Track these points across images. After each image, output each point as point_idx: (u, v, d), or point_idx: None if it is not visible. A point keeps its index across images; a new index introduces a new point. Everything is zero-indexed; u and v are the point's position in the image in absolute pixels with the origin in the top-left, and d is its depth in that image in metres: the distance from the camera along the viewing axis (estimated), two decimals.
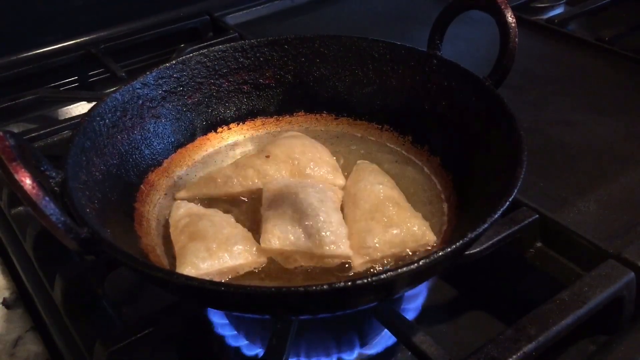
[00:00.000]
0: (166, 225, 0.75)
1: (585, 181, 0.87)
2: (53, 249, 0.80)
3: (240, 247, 0.68)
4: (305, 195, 0.72)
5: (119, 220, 0.69)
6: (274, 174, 0.79)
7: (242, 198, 0.79)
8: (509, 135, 0.67)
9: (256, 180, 0.79)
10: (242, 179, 0.79)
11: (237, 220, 0.74)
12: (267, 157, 0.81)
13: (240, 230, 0.71)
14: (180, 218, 0.72)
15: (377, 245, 0.68)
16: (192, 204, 0.76)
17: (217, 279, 0.67)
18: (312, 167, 0.80)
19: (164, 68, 0.83)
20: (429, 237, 0.69)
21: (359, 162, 0.82)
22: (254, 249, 0.69)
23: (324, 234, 0.68)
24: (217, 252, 0.67)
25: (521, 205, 0.81)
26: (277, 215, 0.69)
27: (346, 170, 0.83)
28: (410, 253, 0.69)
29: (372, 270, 0.68)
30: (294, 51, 0.89)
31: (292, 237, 0.68)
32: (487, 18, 0.75)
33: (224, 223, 0.71)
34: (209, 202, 0.79)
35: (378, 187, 0.74)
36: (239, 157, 0.87)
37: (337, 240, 0.68)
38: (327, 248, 0.68)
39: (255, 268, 0.68)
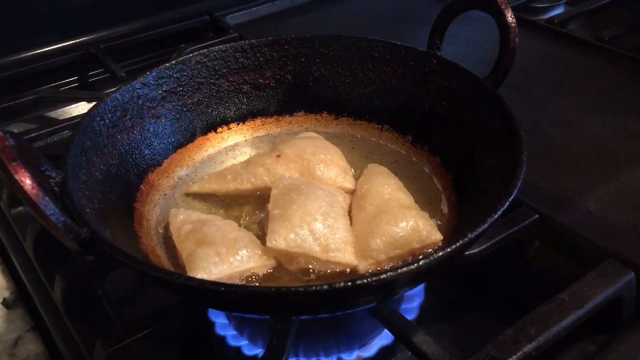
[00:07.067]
0: (166, 226, 0.75)
1: (585, 181, 0.87)
2: (53, 249, 0.80)
3: (249, 250, 0.68)
4: (315, 197, 0.71)
5: (119, 220, 0.69)
6: (284, 174, 0.79)
7: (247, 199, 0.80)
8: (509, 135, 0.67)
9: (265, 179, 0.79)
10: (252, 176, 0.80)
11: (241, 223, 0.75)
12: (278, 156, 0.81)
13: (245, 233, 0.71)
14: (182, 225, 0.72)
15: (380, 247, 0.68)
16: (190, 211, 0.76)
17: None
18: (322, 168, 0.80)
19: (164, 68, 0.83)
20: (436, 237, 0.68)
21: (369, 165, 0.82)
22: (262, 251, 0.69)
23: (330, 239, 0.68)
24: (227, 257, 0.66)
25: (521, 205, 0.81)
26: (284, 216, 0.69)
27: None
28: (416, 253, 0.69)
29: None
30: (294, 51, 0.89)
31: (299, 239, 0.67)
32: (487, 18, 0.75)
33: (229, 227, 0.71)
34: (211, 206, 0.80)
35: (384, 189, 0.74)
36: (239, 157, 0.87)
37: (342, 248, 0.68)
38: (332, 255, 0.67)
39: (264, 271, 0.68)
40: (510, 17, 0.72)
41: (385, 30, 1.35)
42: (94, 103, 0.76)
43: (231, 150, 0.88)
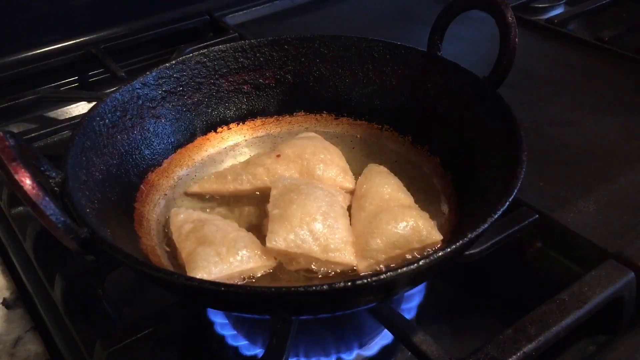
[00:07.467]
0: (166, 226, 0.75)
1: (585, 181, 0.87)
2: (53, 249, 0.80)
3: (249, 250, 0.68)
4: (314, 197, 0.71)
5: (119, 220, 0.69)
6: (284, 174, 0.79)
7: (247, 199, 0.80)
8: (509, 135, 0.67)
9: (265, 179, 0.79)
10: (252, 177, 0.80)
11: (241, 223, 0.75)
12: (278, 156, 0.81)
13: (245, 233, 0.71)
14: (182, 224, 0.72)
15: (380, 247, 0.68)
16: (190, 210, 0.76)
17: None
18: (321, 168, 0.80)
19: (164, 68, 0.83)
20: (436, 237, 0.68)
21: (369, 165, 0.82)
22: (262, 251, 0.69)
23: (330, 239, 0.68)
24: (227, 257, 0.66)
25: (521, 205, 0.81)
26: (284, 216, 0.69)
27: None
28: (416, 253, 0.69)
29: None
30: (294, 51, 0.89)
31: (298, 240, 0.67)
32: (487, 18, 0.75)
33: (229, 227, 0.71)
34: (211, 206, 0.80)
35: (383, 189, 0.74)
36: (239, 157, 0.87)
37: (342, 248, 0.68)
38: (332, 255, 0.67)
39: (264, 271, 0.68)
40: (510, 17, 0.72)
41: (385, 30, 1.35)
42: (94, 103, 0.76)
43: (231, 150, 0.88)
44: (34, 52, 1.27)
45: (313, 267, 0.68)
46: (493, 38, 0.74)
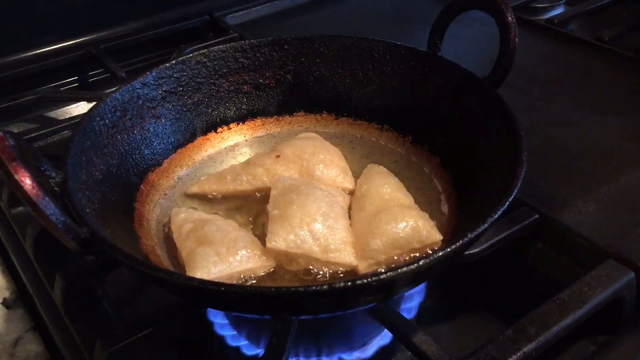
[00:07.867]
0: (166, 226, 0.75)
1: (585, 181, 0.87)
2: (53, 249, 0.80)
3: (249, 250, 0.68)
4: (314, 197, 0.71)
5: (119, 220, 0.69)
6: (284, 174, 0.79)
7: (247, 200, 0.80)
8: (509, 135, 0.67)
9: (265, 179, 0.79)
10: (252, 177, 0.80)
11: (241, 223, 0.75)
12: (278, 156, 0.81)
13: (245, 233, 0.71)
14: (183, 224, 0.72)
15: (380, 247, 0.68)
16: (190, 209, 0.76)
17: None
18: (321, 169, 0.80)
19: (164, 68, 0.83)
20: (436, 237, 0.68)
21: (369, 165, 0.81)
22: (261, 252, 0.69)
23: (330, 240, 0.68)
24: (227, 257, 0.66)
25: (521, 205, 0.81)
26: (284, 217, 0.69)
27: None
28: (416, 253, 0.68)
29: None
30: (294, 51, 0.89)
31: (298, 240, 0.67)
32: (487, 18, 0.75)
33: (229, 227, 0.71)
34: (211, 206, 0.80)
35: (383, 189, 0.74)
36: (239, 157, 0.87)
37: (342, 248, 0.68)
38: (332, 255, 0.67)
39: (264, 271, 0.68)
40: (510, 17, 0.72)
41: (385, 30, 1.35)
42: (94, 103, 0.76)
43: (231, 150, 0.88)
44: (34, 52, 1.27)
45: (313, 267, 0.68)
46: (493, 38, 0.74)
